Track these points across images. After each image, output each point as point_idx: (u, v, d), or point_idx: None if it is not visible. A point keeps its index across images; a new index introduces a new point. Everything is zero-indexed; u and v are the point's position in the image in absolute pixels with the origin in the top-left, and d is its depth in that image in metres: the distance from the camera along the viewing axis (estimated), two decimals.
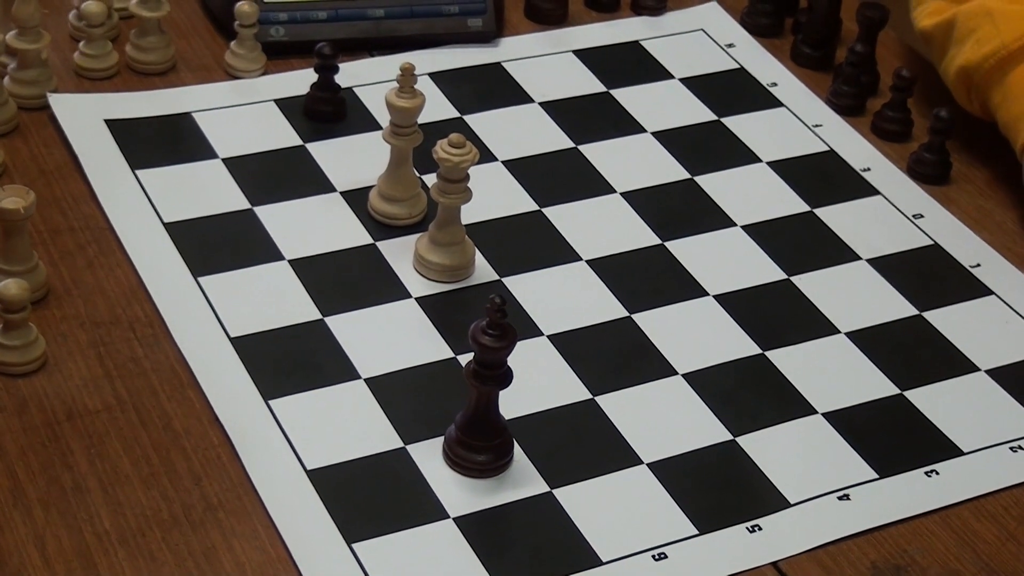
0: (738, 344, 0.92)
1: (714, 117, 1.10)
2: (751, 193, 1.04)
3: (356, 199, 0.99)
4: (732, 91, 1.13)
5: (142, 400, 0.83)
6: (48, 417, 0.81)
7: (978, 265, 1.00)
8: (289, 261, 0.93)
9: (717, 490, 0.82)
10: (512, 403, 0.83)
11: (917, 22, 1.12)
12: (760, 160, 1.07)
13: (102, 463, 0.79)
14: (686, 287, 0.95)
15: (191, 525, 0.77)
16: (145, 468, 0.79)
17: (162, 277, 0.91)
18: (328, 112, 1.05)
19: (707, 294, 0.95)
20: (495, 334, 0.78)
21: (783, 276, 0.97)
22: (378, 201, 0.96)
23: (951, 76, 1.07)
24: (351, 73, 1.10)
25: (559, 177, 1.02)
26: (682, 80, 1.14)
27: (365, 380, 0.86)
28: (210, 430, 0.82)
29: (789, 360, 0.91)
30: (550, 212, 1.00)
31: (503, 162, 1.04)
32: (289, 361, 0.87)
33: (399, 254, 0.95)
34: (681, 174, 1.05)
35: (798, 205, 1.03)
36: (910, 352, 0.93)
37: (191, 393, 0.84)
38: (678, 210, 1.02)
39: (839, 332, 0.93)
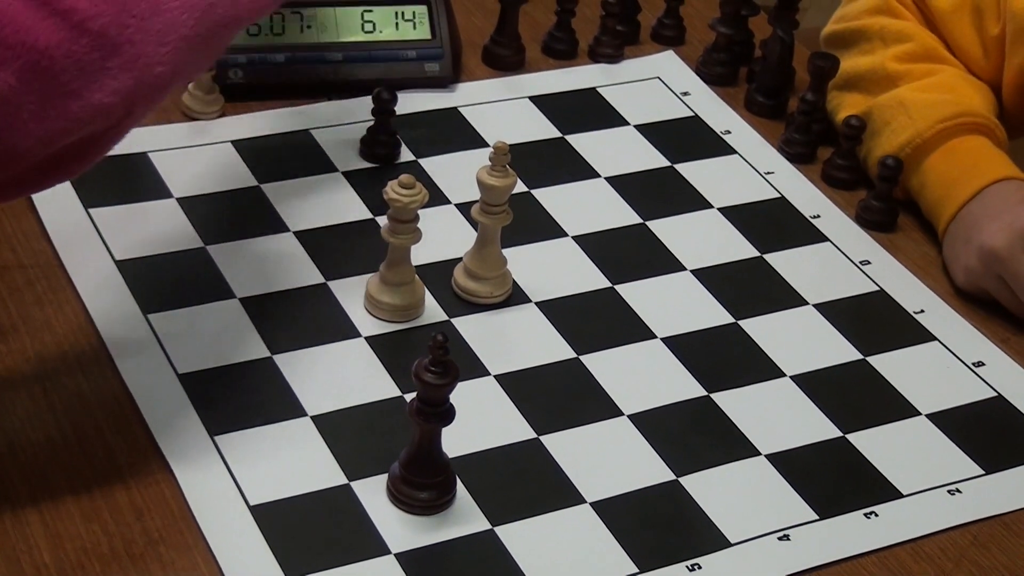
0: (684, 386, 0.93)
1: (668, 163, 1.12)
2: (702, 238, 1.05)
3: (308, 239, 1.00)
4: (686, 138, 1.15)
5: (86, 434, 0.83)
6: None
7: (922, 311, 1.01)
8: (240, 299, 0.94)
9: (659, 529, 0.83)
10: (457, 441, 0.84)
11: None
12: (712, 206, 1.09)
13: (43, 496, 0.80)
14: (635, 329, 0.96)
15: (131, 559, 0.77)
16: (86, 502, 0.80)
17: (111, 314, 0.91)
18: (384, 154, 1.07)
19: (655, 336, 0.96)
20: (437, 371, 0.79)
21: (731, 320, 0.98)
22: (463, 278, 0.96)
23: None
24: (309, 115, 1.11)
25: (512, 220, 1.03)
26: (637, 127, 1.15)
27: (311, 417, 0.87)
28: (154, 464, 0.82)
29: (734, 402, 0.92)
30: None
31: (456, 205, 1.05)
32: (236, 397, 0.87)
33: (350, 293, 0.96)
34: (633, 219, 1.06)
35: (748, 250, 1.05)
36: (854, 395, 0.94)
37: (136, 428, 0.84)
38: (630, 254, 1.03)
39: (784, 375, 0.94)
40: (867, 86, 1.13)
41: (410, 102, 1.13)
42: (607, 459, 0.87)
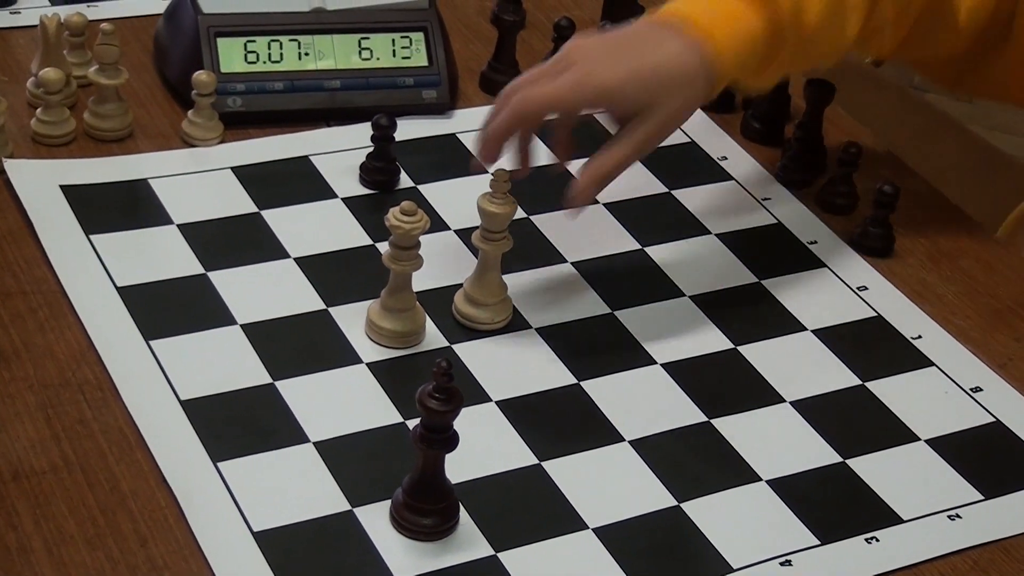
0: (684, 412, 0.93)
1: (665, 189, 1.13)
2: (700, 264, 1.06)
3: (310, 265, 1.00)
4: (683, 164, 1.16)
5: (89, 461, 0.84)
6: None
7: (919, 337, 1.02)
8: (241, 326, 0.95)
9: (661, 555, 0.84)
10: (459, 467, 0.85)
11: None
12: (709, 232, 1.09)
13: (47, 524, 0.80)
14: (634, 355, 0.97)
15: None
16: (91, 529, 0.80)
17: (113, 340, 0.92)
18: (383, 181, 1.08)
19: (655, 362, 0.97)
20: (441, 398, 0.80)
21: (730, 345, 0.99)
22: (463, 304, 0.96)
23: None
24: (308, 141, 1.12)
25: (512, 246, 1.04)
26: None
27: (314, 443, 0.87)
28: (157, 492, 0.83)
29: (735, 428, 0.93)
30: None
31: (456, 231, 1.06)
32: (239, 424, 0.88)
33: (351, 320, 0.96)
34: (632, 245, 1.07)
35: (746, 276, 1.06)
36: (853, 421, 0.95)
37: (139, 455, 0.85)
38: (629, 280, 1.04)
39: (784, 401, 0.95)
40: None
41: (408, 129, 1.14)
42: (609, 485, 0.88)
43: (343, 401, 0.90)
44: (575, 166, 1.10)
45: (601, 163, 0.95)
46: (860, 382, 0.98)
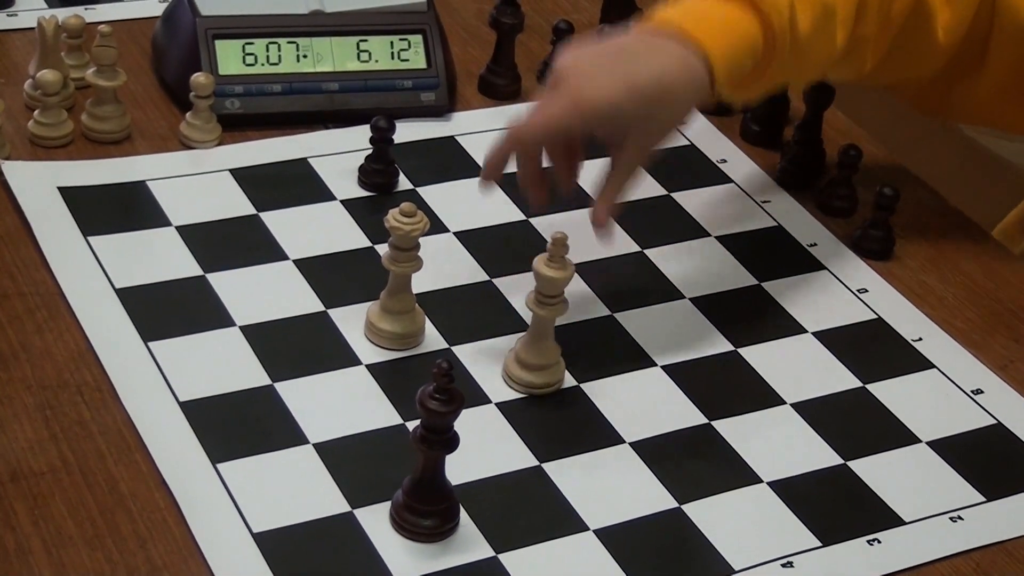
0: (685, 414, 0.93)
1: (665, 192, 1.13)
2: (700, 266, 1.06)
3: (308, 267, 1.00)
4: (683, 167, 1.16)
5: (88, 463, 0.83)
6: None
7: (920, 339, 1.02)
8: (240, 327, 0.94)
9: (662, 556, 0.84)
10: (459, 469, 0.84)
11: None
12: (709, 234, 1.09)
13: (46, 525, 0.79)
14: (634, 358, 0.97)
15: None
16: (90, 530, 0.80)
17: (112, 342, 0.91)
18: (381, 184, 1.08)
19: (655, 365, 0.97)
20: (442, 398, 0.79)
21: (730, 348, 0.99)
22: (517, 369, 0.93)
23: None
24: (306, 144, 1.12)
25: (510, 249, 1.04)
26: None
27: (314, 445, 0.87)
28: (156, 493, 0.82)
29: (735, 430, 0.92)
30: (500, 283, 1.01)
31: (455, 233, 1.05)
32: (238, 426, 0.87)
33: (350, 322, 0.96)
34: (632, 247, 1.07)
35: (746, 279, 1.06)
36: (854, 423, 0.94)
37: (138, 456, 0.84)
38: (628, 282, 1.03)
39: (784, 403, 0.95)
40: None
41: (406, 131, 1.13)
42: (609, 486, 0.87)
43: (342, 403, 0.90)
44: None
45: (611, 191, 0.94)
46: (861, 384, 0.98)
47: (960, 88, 1.10)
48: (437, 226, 1.05)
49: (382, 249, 0.94)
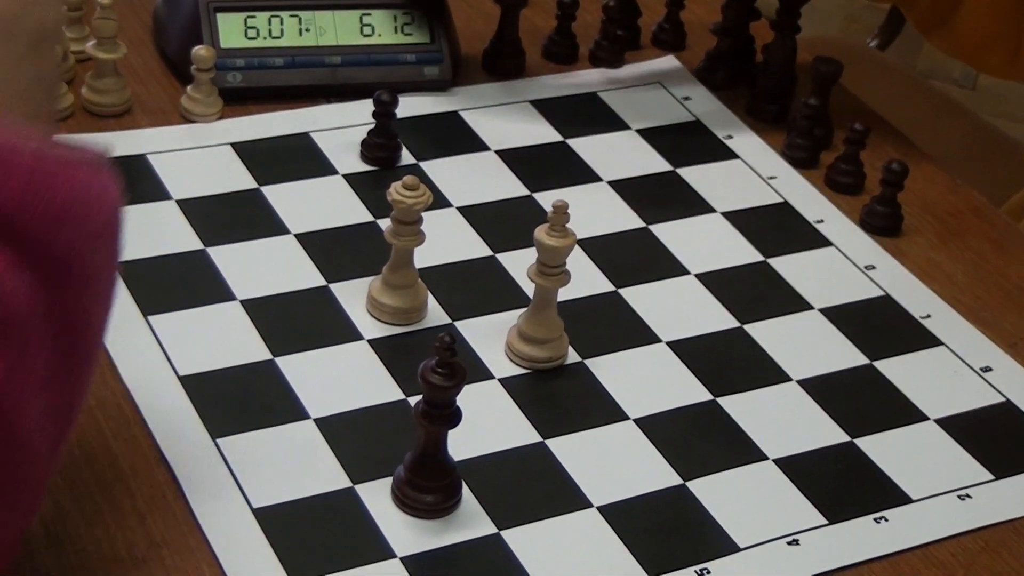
0: (690, 390, 0.92)
1: (670, 167, 1.12)
2: (706, 243, 1.05)
3: (309, 242, 0.99)
4: (688, 143, 1.15)
5: (87, 438, 0.83)
6: None
7: (928, 316, 1.01)
8: (241, 301, 0.94)
9: (667, 534, 0.83)
10: (461, 445, 0.84)
11: None
12: (715, 210, 1.08)
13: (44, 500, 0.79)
14: (639, 334, 0.96)
15: (133, 563, 0.76)
16: (88, 504, 0.79)
17: (111, 315, 0.90)
18: (384, 158, 1.07)
19: (660, 341, 0.96)
20: (444, 373, 0.79)
21: (736, 324, 0.98)
22: (519, 342, 0.92)
23: None
24: (308, 118, 1.11)
25: (513, 224, 1.03)
26: (638, 131, 1.15)
27: (315, 420, 0.86)
28: (156, 468, 0.82)
29: (740, 407, 0.92)
30: (503, 258, 1.01)
31: (458, 208, 1.05)
32: (238, 400, 0.87)
33: (352, 296, 0.95)
34: (636, 223, 1.06)
35: (752, 255, 1.05)
36: (860, 401, 0.94)
37: (137, 431, 0.84)
38: (632, 258, 1.03)
39: (791, 380, 0.94)
40: None
41: (410, 106, 1.13)
42: (613, 464, 0.87)
43: (344, 378, 0.90)
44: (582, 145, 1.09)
45: None
46: (868, 361, 0.97)
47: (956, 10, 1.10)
48: (440, 201, 1.05)
49: (384, 223, 0.93)
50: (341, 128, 1.10)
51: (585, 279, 1.00)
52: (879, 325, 1.00)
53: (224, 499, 0.81)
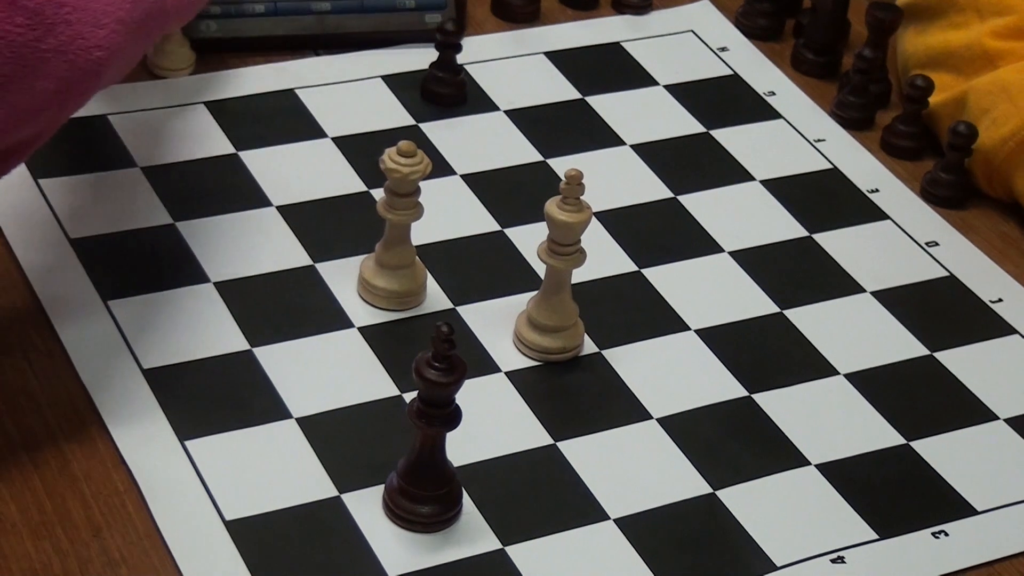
0: (722, 386, 0.92)
1: (703, 129, 1.12)
2: (742, 215, 1.05)
3: (293, 215, 1.00)
4: (724, 100, 1.15)
5: (35, 439, 0.83)
6: None
7: (1000, 300, 1.01)
8: (215, 284, 0.94)
9: (693, 550, 0.83)
10: (462, 448, 0.84)
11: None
12: (754, 178, 1.09)
13: None
14: (665, 320, 0.96)
15: None
16: (36, 516, 0.79)
17: (64, 300, 0.91)
18: (447, 94, 1.08)
19: (688, 328, 0.96)
20: (442, 367, 0.78)
21: (775, 309, 0.98)
22: (528, 331, 0.92)
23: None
24: (293, 73, 1.11)
25: (524, 194, 1.03)
26: (667, 87, 1.15)
27: (297, 420, 0.87)
28: (114, 474, 0.82)
29: (780, 404, 0.92)
30: (513, 233, 1.01)
31: (462, 176, 1.05)
32: (210, 397, 0.87)
33: (341, 278, 0.96)
34: (663, 193, 1.06)
35: (795, 229, 1.05)
36: (919, 397, 0.94)
37: (93, 431, 0.84)
38: (658, 233, 1.03)
39: (838, 373, 0.94)
40: (960, 65, 1.11)
41: (407, 58, 1.12)
42: (633, 469, 0.87)
43: (331, 371, 0.90)
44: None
45: None
46: (928, 352, 0.97)
47: None
48: (441, 168, 1.04)
49: (379, 194, 0.93)
50: (330, 84, 1.10)
51: (604, 258, 0.99)
52: (942, 310, 1.00)
53: (192, 510, 0.81)
